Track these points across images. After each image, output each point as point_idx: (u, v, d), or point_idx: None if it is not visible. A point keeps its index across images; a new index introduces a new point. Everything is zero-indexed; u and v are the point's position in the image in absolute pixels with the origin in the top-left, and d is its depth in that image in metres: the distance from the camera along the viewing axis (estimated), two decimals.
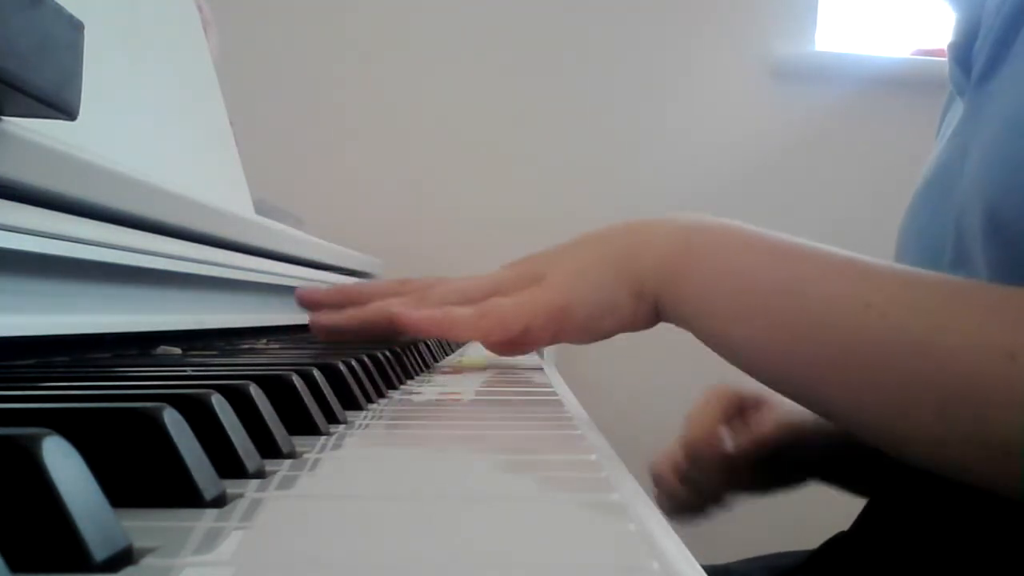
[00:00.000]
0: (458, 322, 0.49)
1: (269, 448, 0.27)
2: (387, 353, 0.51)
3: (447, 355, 0.76)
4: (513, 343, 0.51)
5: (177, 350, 0.55)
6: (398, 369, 0.52)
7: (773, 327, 0.46)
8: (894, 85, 1.63)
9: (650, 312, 0.50)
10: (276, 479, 0.25)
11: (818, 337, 0.44)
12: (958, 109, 0.55)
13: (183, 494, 0.21)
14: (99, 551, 0.16)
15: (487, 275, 0.54)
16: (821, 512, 0.80)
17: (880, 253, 0.49)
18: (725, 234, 0.49)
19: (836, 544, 0.62)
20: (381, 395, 0.45)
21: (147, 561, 0.17)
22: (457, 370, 0.60)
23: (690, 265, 0.48)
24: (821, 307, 0.44)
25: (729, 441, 0.69)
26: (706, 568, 0.65)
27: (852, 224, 1.65)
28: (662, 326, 0.51)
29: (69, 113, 0.31)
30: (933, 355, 0.40)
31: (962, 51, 0.54)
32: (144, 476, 0.21)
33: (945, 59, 0.62)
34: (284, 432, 0.29)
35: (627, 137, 1.63)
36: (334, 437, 0.32)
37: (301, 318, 0.87)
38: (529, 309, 0.49)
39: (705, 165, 1.63)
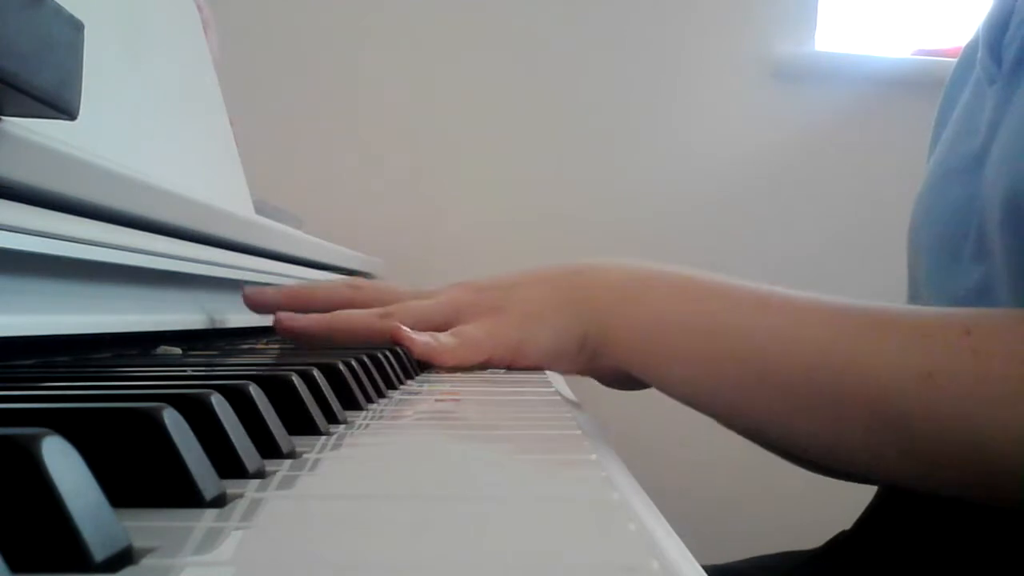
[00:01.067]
0: (445, 352, 0.53)
1: (269, 448, 0.27)
2: (387, 353, 0.51)
3: None
4: (468, 364, 0.55)
5: (177, 350, 0.55)
6: (398, 369, 0.52)
7: (702, 367, 0.49)
8: (894, 85, 1.63)
9: (593, 359, 0.53)
10: (276, 479, 0.25)
11: (750, 374, 0.47)
12: (983, 99, 0.55)
13: (183, 494, 0.21)
14: (99, 551, 0.16)
15: (443, 295, 0.57)
16: (824, 511, 0.80)
17: (880, 252, 0.50)
18: (653, 282, 0.53)
19: (839, 543, 0.62)
20: (381, 395, 0.45)
21: (147, 561, 0.17)
22: (457, 371, 0.60)
23: (621, 314, 0.52)
24: (747, 345, 0.48)
25: None
26: (709, 568, 0.66)
27: (852, 224, 1.65)
28: None
29: (69, 113, 0.31)
30: (856, 376, 0.44)
31: (994, 40, 0.55)
32: (144, 476, 0.21)
33: (945, 59, 0.62)
34: (284, 432, 0.29)
35: (627, 137, 1.63)
36: (334, 437, 0.32)
37: None
38: (493, 342, 0.53)
39: (705, 165, 1.63)
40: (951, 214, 0.55)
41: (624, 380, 0.58)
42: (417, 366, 0.59)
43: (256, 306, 0.61)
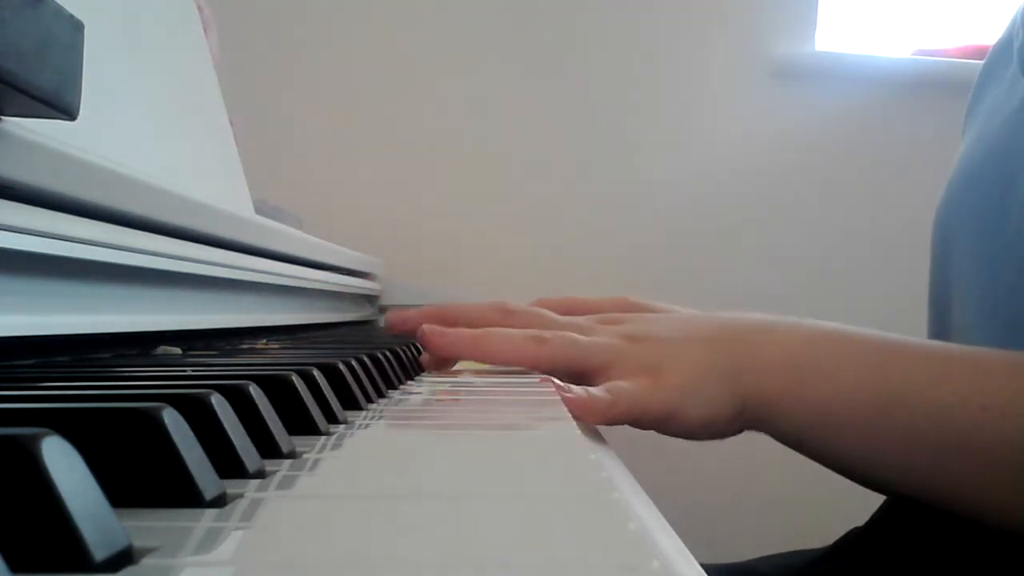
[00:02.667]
0: (597, 409, 0.49)
1: (269, 448, 0.27)
2: (387, 353, 0.51)
3: None
4: (613, 423, 0.52)
5: (177, 350, 0.55)
6: (398, 369, 0.52)
7: (888, 442, 0.47)
8: (894, 85, 1.63)
9: (740, 427, 0.51)
10: (276, 479, 0.25)
11: (940, 444, 0.45)
12: (1015, 91, 0.54)
13: (183, 494, 0.21)
14: (99, 551, 0.16)
15: (600, 339, 0.53)
16: (825, 512, 0.80)
17: (881, 251, 0.50)
18: (822, 347, 0.50)
19: (851, 541, 0.62)
20: (381, 395, 0.45)
21: (147, 561, 0.17)
22: (456, 371, 0.60)
23: (790, 388, 0.49)
24: (938, 416, 0.45)
25: None
26: (721, 566, 0.65)
27: (852, 224, 1.65)
28: None
29: (69, 113, 0.31)
30: None
31: None
32: (144, 476, 0.21)
33: (945, 59, 0.61)
34: (284, 432, 0.29)
35: (627, 137, 1.63)
36: (334, 437, 0.32)
37: (301, 318, 0.87)
38: (647, 405, 0.50)
39: (705, 165, 1.63)
40: (987, 203, 0.54)
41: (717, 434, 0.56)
42: (417, 366, 0.59)
43: (401, 330, 0.60)
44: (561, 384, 0.49)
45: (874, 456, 0.48)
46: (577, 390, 0.49)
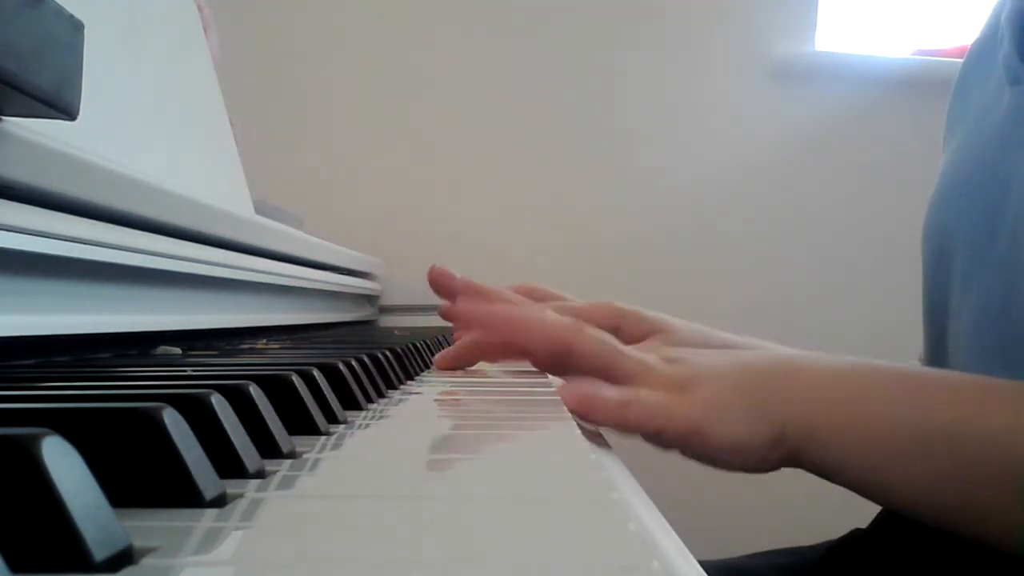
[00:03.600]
0: (603, 409, 0.47)
1: (269, 448, 0.27)
2: (387, 353, 0.51)
3: None
4: (626, 429, 0.51)
5: (177, 350, 0.55)
6: (398, 369, 0.52)
7: (934, 471, 0.46)
8: (894, 85, 1.63)
9: (781, 460, 0.50)
10: (276, 479, 0.25)
11: (986, 473, 0.44)
12: (1001, 97, 0.54)
13: (183, 494, 0.21)
14: (99, 551, 0.16)
15: (640, 357, 0.52)
16: (825, 512, 0.80)
17: (880, 251, 0.49)
18: (862, 380, 0.50)
19: (853, 540, 0.62)
20: (381, 395, 0.45)
21: (147, 561, 0.17)
22: (457, 371, 0.60)
23: (836, 418, 0.48)
24: (981, 447, 0.45)
25: None
26: (720, 563, 0.64)
27: (852, 224, 1.65)
28: None
29: (69, 113, 0.31)
30: None
31: (1022, 35, 0.53)
32: (144, 476, 0.21)
33: (945, 59, 0.61)
34: (284, 432, 0.29)
35: (627, 137, 1.63)
36: (334, 437, 0.32)
37: (301, 318, 0.87)
38: (670, 417, 0.48)
39: (705, 165, 1.63)
40: (977, 212, 0.54)
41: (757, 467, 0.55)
42: (417, 367, 0.59)
43: (440, 286, 0.60)
44: (570, 379, 0.48)
45: (918, 488, 0.47)
46: (587, 386, 0.48)
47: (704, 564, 0.21)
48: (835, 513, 0.71)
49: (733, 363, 0.52)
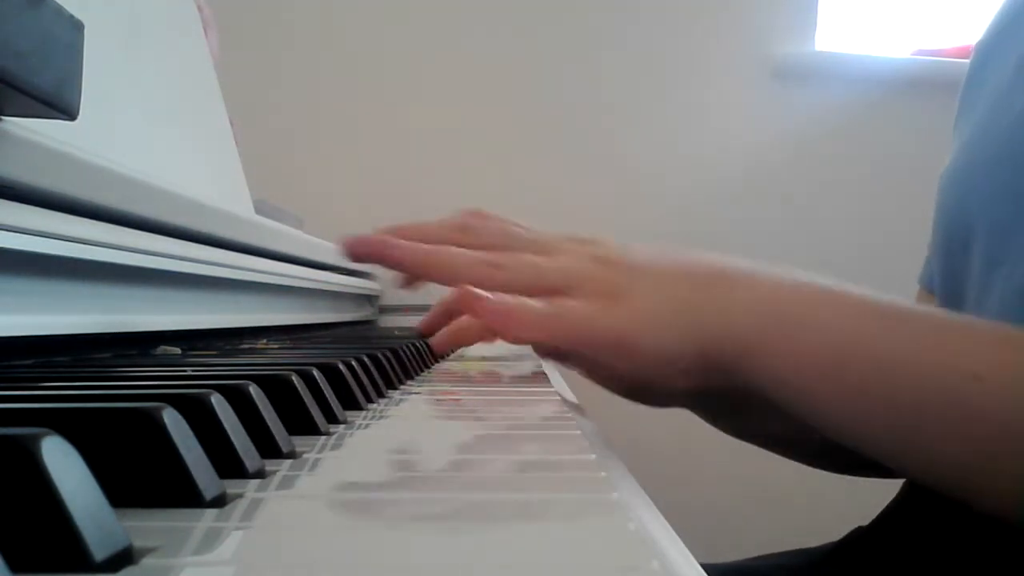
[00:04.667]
0: (527, 322, 0.45)
1: (269, 448, 0.27)
2: (387, 353, 0.51)
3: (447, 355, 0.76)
4: (558, 350, 0.48)
5: (177, 350, 0.55)
6: (398, 369, 0.52)
7: (871, 400, 0.43)
8: (894, 85, 1.63)
9: (705, 374, 0.47)
10: (276, 479, 0.25)
11: (922, 411, 0.42)
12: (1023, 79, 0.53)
13: (183, 494, 0.21)
14: (99, 551, 0.16)
15: (564, 260, 0.49)
16: (826, 511, 0.80)
17: (881, 251, 0.49)
18: (811, 299, 0.46)
19: (856, 539, 0.62)
20: (381, 395, 0.45)
21: (147, 561, 0.17)
22: (458, 371, 0.60)
23: (777, 338, 0.45)
24: (925, 381, 0.42)
25: None
26: (723, 566, 0.62)
27: (852, 224, 1.65)
28: None
29: (69, 113, 0.31)
30: None
31: None
32: (144, 476, 0.21)
33: (945, 59, 0.60)
34: (284, 432, 0.29)
35: (627, 137, 1.63)
36: (334, 437, 0.32)
37: (301, 318, 0.87)
38: (593, 326, 0.46)
39: (705, 165, 1.63)
40: (1000, 194, 0.52)
41: (668, 397, 0.53)
42: (417, 367, 0.59)
43: (358, 253, 0.54)
44: (482, 294, 0.45)
45: (856, 417, 0.44)
46: (505, 298, 0.45)
47: (706, 567, 0.21)
48: (837, 513, 0.71)
49: (671, 267, 0.49)
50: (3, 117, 0.32)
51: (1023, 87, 0.53)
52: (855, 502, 0.63)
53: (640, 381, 0.49)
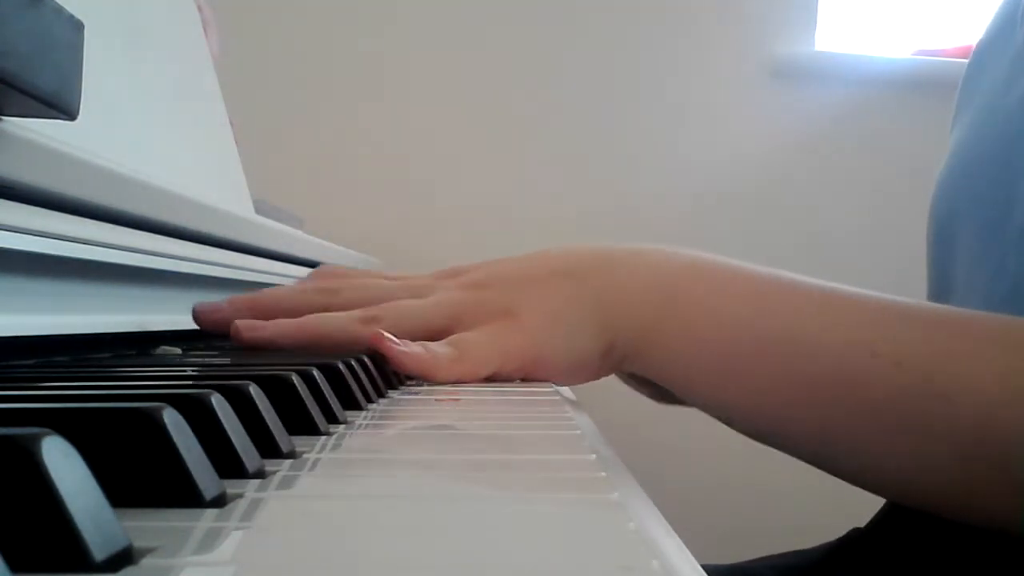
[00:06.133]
0: (441, 367, 0.44)
1: (269, 448, 0.27)
2: None
3: None
4: (469, 379, 0.48)
5: (177, 350, 0.55)
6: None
7: (769, 385, 0.42)
8: (894, 85, 1.63)
9: (613, 368, 0.46)
10: (276, 479, 0.25)
11: (824, 392, 0.41)
12: (1017, 83, 0.52)
13: (183, 494, 0.21)
14: (99, 551, 0.16)
15: (441, 295, 0.48)
16: (826, 511, 0.80)
17: (880, 250, 0.48)
18: (703, 279, 0.45)
19: (852, 540, 0.62)
20: (381, 395, 0.45)
21: (147, 561, 0.17)
22: None
23: (664, 319, 0.44)
24: (824, 361, 0.41)
25: None
26: (721, 567, 0.62)
27: (852, 224, 1.65)
28: None
29: (69, 113, 0.31)
30: (957, 404, 0.38)
31: None
32: (144, 476, 0.21)
33: (945, 59, 0.60)
34: (284, 432, 0.29)
35: (626, 137, 1.63)
36: (334, 437, 0.32)
37: None
38: (503, 353, 0.45)
39: (704, 165, 1.63)
40: (991, 191, 0.51)
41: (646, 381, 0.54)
42: None
43: (209, 324, 0.51)
44: (394, 346, 0.44)
45: (753, 400, 0.43)
46: (413, 347, 0.44)
47: (706, 567, 0.21)
48: (837, 514, 0.71)
49: (547, 270, 0.47)
50: (3, 117, 0.32)
51: (1014, 90, 0.53)
52: (855, 503, 0.63)
53: (554, 383, 0.48)
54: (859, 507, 0.63)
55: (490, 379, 0.47)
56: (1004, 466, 0.37)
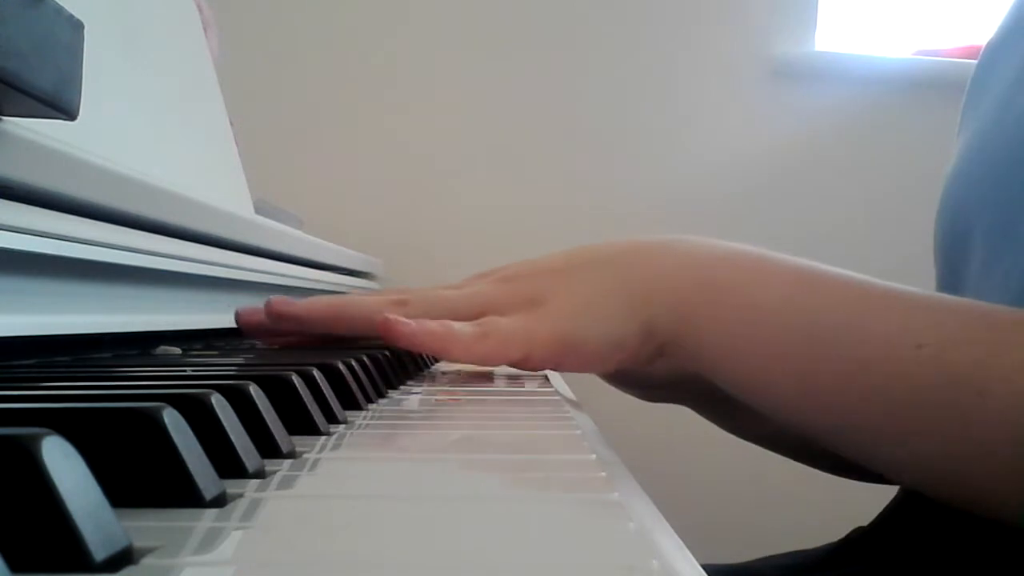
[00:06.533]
0: (458, 340, 0.44)
1: (269, 448, 0.27)
2: (387, 353, 0.51)
3: None
4: (485, 375, 0.48)
5: (177, 350, 0.55)
6: (398, 369, 0.52)
7: (811, 373, 0.41)
8: (894, 85, 1.63)
9: (654, 354, 0.45)
10: (276, 479, 0.25)
11: (866, 383, 0.40)
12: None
13: (183, 494, 0.21)
14: (99, 551, 0.16)
15: (472, 288, 0.48)
16: (826, 511, 0.80)
17: (881, 250, 0.48)
18: (744, 265, 0.45)
19: (855, 540, 0.62)
20: (381, 395, 0.45)
21: (147, 561, 0.17)
22: (457, 372, 0.60)
23: (710, 306, 0.43)
24: (867, 349, 0.40)
25: None
26: (721, 567, 0.62)
27: (852, 224, 1.65)
28: None
29: (69, 113, 0.31)
30: (996, 399, 0.37)
31: None
32: (144, 476, 0.21)
33: (945, 59, 0.59)
34: (284, 432, 0.29)
35: (626, 137, 1.63)
36: (334, 437, 0.32)
37: None
38: (531, 336, 0.44)
39: (705, 165, 1.63)
40: (1003, 192, 0.50)
41: (634, 378, 0.52)
42: (417, 366, 0.59)
43: (252, 323, 0.52)
44: (404, 322, 0.44)
45: (797, 390, 0.42)
46: (430, 323, 0.44)
47: (706, 567, 0.21)
48: (838, 514, 0.71)
49: (585, 259, 0.47)
50: (3, 117, 0.32)
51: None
52: (856, 502, 0.63)
53: (592, 372, 0.47)
54: (861, 507, 0.63)
55: (519, 366, 0.46)
56: None
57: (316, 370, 0.36)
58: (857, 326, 0.41)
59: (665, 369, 0.47)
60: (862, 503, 0.64)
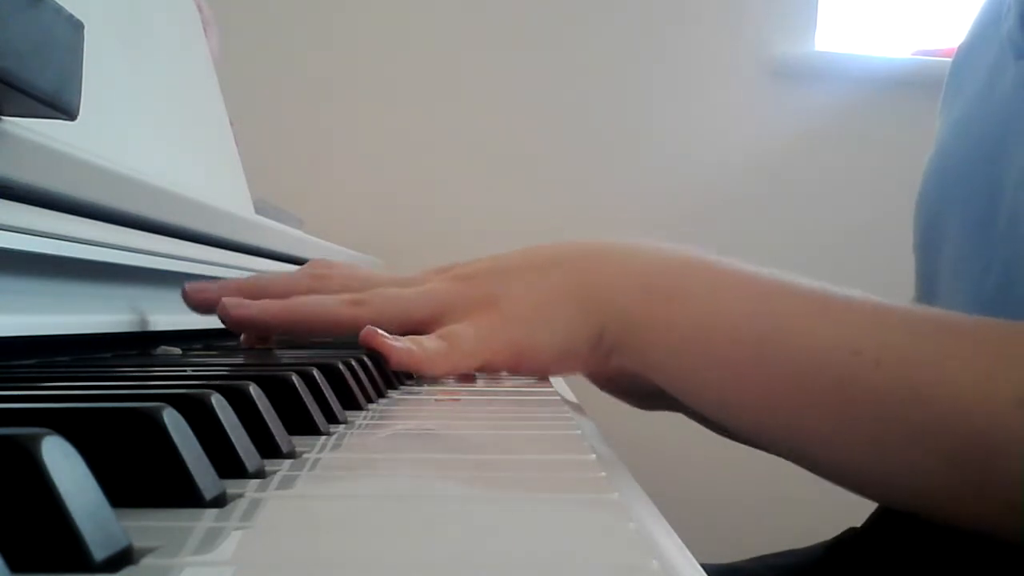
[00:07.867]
0: (430, 359, 0.44)
1: (269, 448, 0.27)
2: None
3: None
4: (467, 376, 0.48)
5: (177, 350, 0.55)
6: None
7: (752, 380, 0.42)
8: (894, 85, 1.63)
9: (604, 362, 0.46)
10: (276, 479, 0.25)
11: (805, 389, 0.40)
12: (1004, 73, 0.51)
13: (183, 494, 0.21)
14: (99, 551, 0.16)
15: (428, 286, 0.48)
16: (825, 511, 0.80)
17: (881, 251, 0.48)
18: (689, 273, 0.45)
19: (848, 540, 0.62)
20: (381, 395, 0.45)
21: (147, 561, 0.17)
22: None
23: (654, 312, 0.44)
24: (805, 356, 0.41)
25: None
26: (717, 567, 0.62)
27: (852, 224, 1.65)
28: None
29: (69, 113, 0.31)
30: (936, 405, 0.38)
31: None
32: (144, 476, 0.21)
33: (945, 59, 0.59)
34: (284, 432, 0.29)
35: (627, 137, 1.63)
36: (334, 437, 0.32)
37: None
38: (488, 346, 0.45)
39: (704, 165, 1.63)
40: (976, 192, 0.50)
41: (627, 385, 0.52)
42: None
43: (197, 303, 0.50)
44: (384, 339, 0.44)
45: (743, 396, 0.42)
46: (403, 341, 0.44)
47: (706, 567, 0.21)
48: (837, 513, 0.71)
49: (536, 261, 0.48)
50: (3, 117, 0.32)
51: (997, 87, 0.52)
52: (849, 502, 0.63)
53: (545, 375, 0.48)
54: (857, 507, 0.63)
55: (480, 371, 0.47)
56: (988, 469, 0.37)
57: (316, 370, 0.36)
58: (796, 334, 0.41)
59: (590, 370, 0.48)
60: (855, 503, 0.63)
